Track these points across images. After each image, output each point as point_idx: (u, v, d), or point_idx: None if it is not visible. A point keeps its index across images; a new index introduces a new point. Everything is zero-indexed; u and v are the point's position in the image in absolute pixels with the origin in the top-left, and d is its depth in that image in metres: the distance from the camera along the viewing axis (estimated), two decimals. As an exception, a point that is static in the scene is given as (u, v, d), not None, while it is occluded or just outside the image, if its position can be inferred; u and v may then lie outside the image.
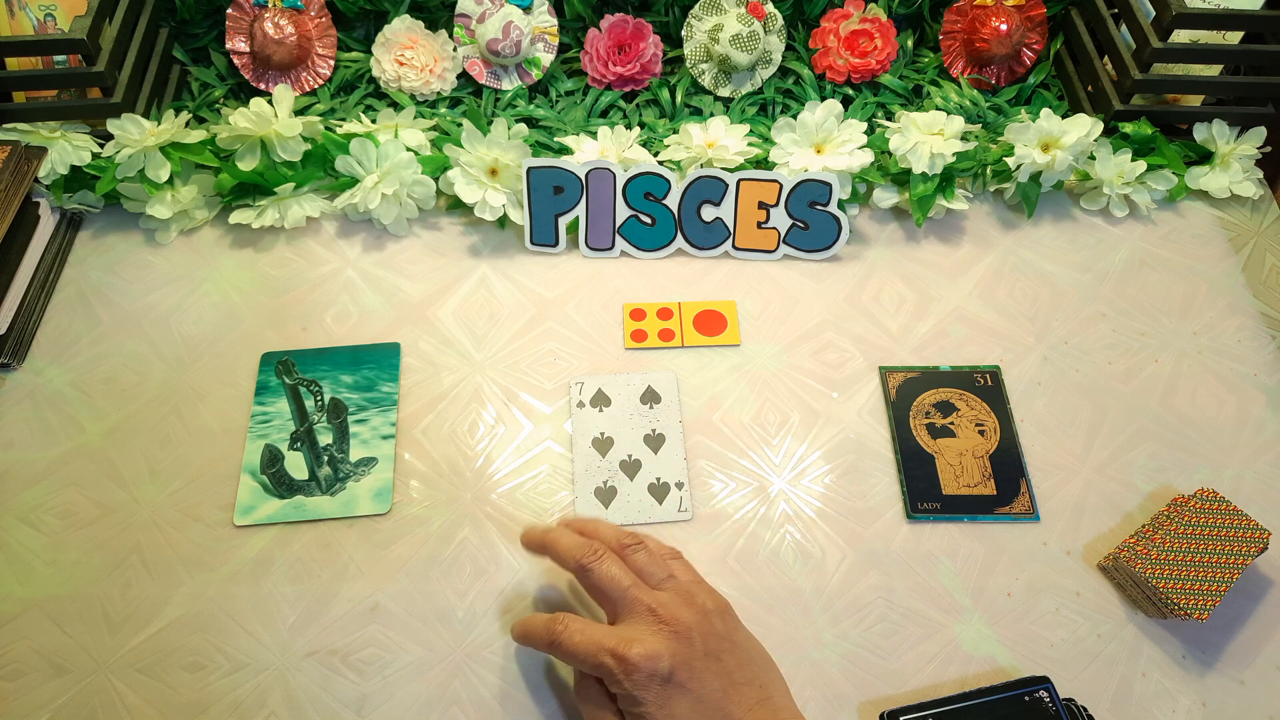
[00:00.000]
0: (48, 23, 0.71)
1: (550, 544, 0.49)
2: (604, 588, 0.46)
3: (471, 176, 0.68)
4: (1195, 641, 0.54)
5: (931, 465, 0.60)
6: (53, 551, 0.56)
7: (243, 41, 0.75)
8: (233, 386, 0.62)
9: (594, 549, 0.47)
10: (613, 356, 0.65)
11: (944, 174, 0.70)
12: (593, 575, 0.46)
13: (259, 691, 0.51)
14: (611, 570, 0.46)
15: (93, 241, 0.70)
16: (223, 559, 0.56)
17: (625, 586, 0.46)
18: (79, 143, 0.68)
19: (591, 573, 0.46)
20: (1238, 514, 0.53)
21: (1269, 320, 0.68)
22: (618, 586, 0.46)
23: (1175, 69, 0.74)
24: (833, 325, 0.67)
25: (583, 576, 0.47)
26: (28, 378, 0.63)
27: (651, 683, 0.42)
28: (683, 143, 0.71)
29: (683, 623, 0.44)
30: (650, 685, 0.42)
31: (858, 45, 0.77)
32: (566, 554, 0.48)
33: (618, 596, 0.46)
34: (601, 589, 0.46)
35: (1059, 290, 0.69)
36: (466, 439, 0.61)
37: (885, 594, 0.55)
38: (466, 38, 0.76)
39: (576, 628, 0.45)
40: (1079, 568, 0.56)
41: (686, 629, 0.44)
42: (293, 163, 0.69)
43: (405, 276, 0.69)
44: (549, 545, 0.49)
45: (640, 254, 0.70)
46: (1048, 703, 0.49)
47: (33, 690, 0.51)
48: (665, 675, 0.42)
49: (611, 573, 0.46)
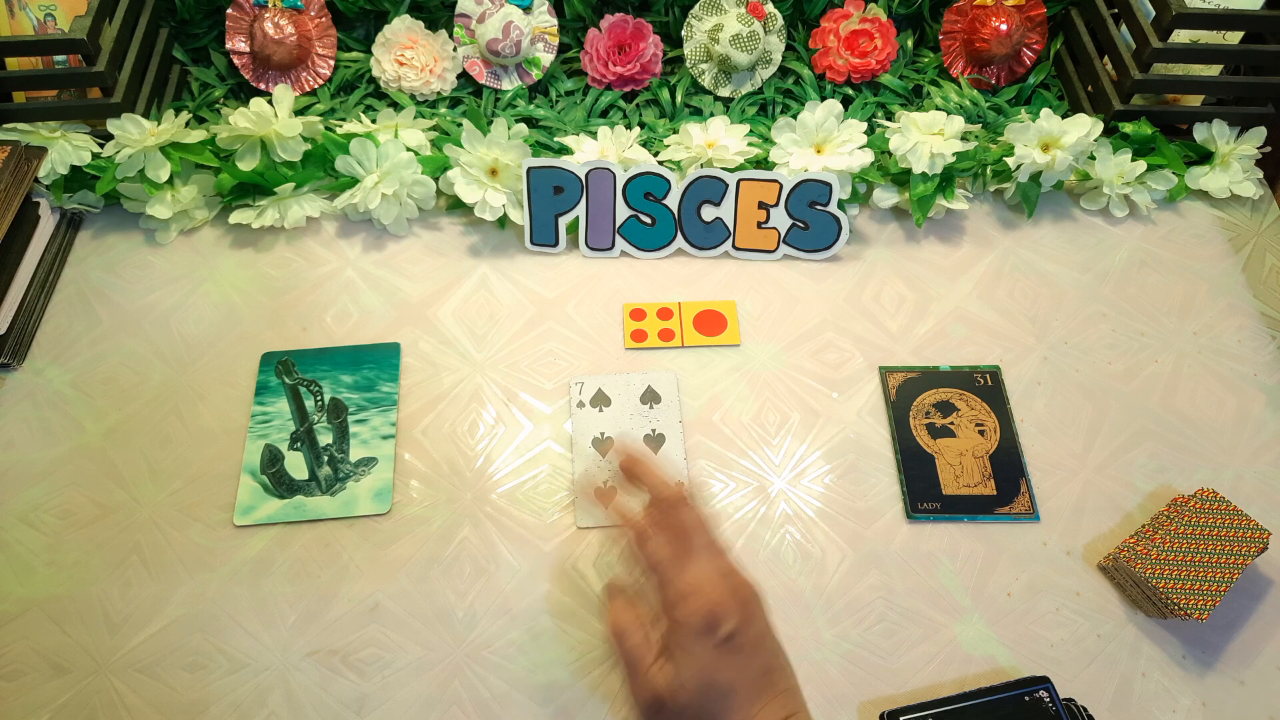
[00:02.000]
0: (48, 23, 0.71)
1: (647, 473, 0.49)
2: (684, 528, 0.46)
3: (471, 176, 0.68)
4: (1195, 641, 0.54)
5: (931, 465, 0.60)
6: (53, 551, 0.56)
7: (243, 41, 0.75)
8: (233, 386, 0.62)
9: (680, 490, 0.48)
10: (613, 356, 0.65)
11: (944, 174, 0.69)
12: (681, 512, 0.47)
13: (259, 691, 0.51)
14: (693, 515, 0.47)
15: (93, 241, 0.70)
16: (223, 559, 0.56)
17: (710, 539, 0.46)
18: (79, 143, 0.68)
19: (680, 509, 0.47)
20: (1238, 514, 0.53)
21: (1269, 320, 0.68)
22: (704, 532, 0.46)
23: (1175, 69, 0.74)
24: (833, 325, 0.67)
25: (674, 511, 0.47)
26: (28, 378, 0.63)
27: (713, 631, 0.43)
28: (683, 143, 0.71)
29: (744, 593, 0.45)
30: (711, 635, 0.43)
31: (858, 45, 0.77)
32: (662, 483, 0.48)
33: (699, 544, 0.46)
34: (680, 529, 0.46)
35: (1059, 290, 0.69)
36: (466, 439, 0.61)
37: (885, 594, 0.55)
38: (466, 38, 0.76)
39: (670, 534, 0.46)
40: (1079, 568, 0.56)
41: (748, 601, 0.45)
42: (293, 163, 0.69)
43: (405, 276, 0.69)
44: (646, 474, 0.49)
45: (640, 254, 0.70)
46: (1048, 703, 0.49)
47: (33, 690, 0.51)
48: (728, 633, 0.43)
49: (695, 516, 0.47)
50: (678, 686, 0.43)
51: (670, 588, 0.45)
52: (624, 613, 0.47)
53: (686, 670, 0.43)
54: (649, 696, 0.44)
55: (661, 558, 0.46)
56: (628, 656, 0.46)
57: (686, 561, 0.46)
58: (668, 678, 0.44)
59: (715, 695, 0.43)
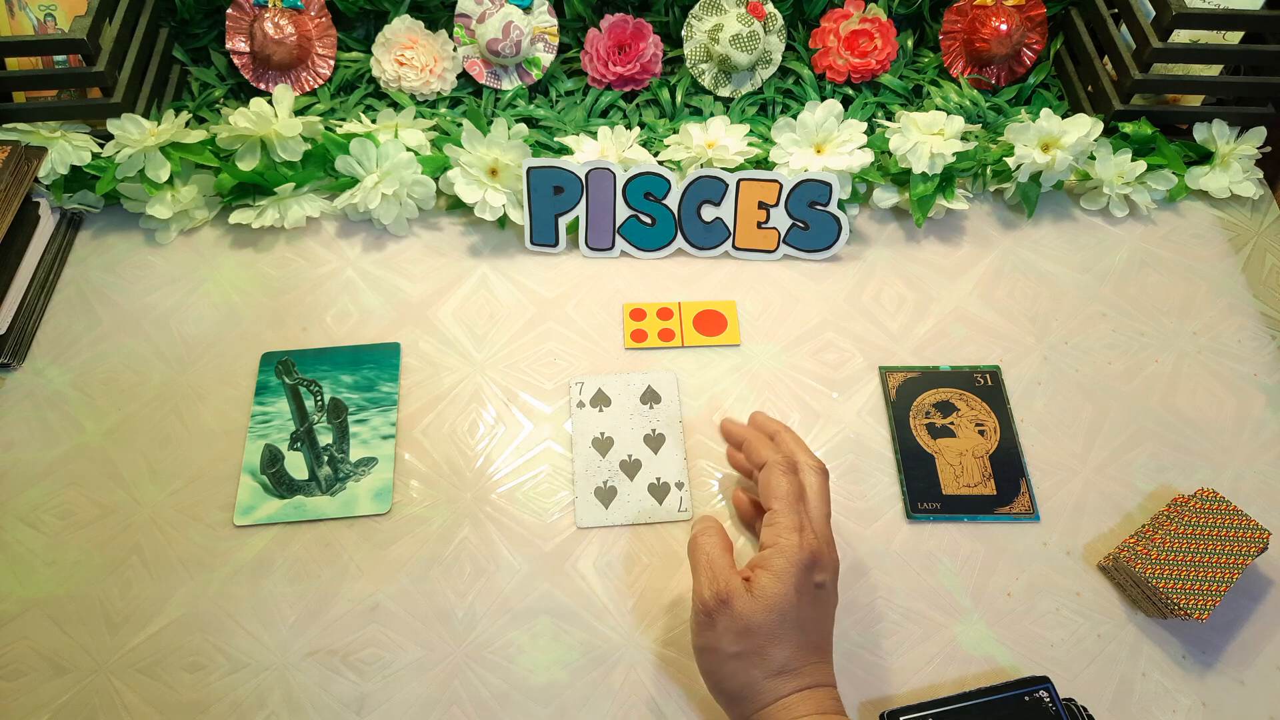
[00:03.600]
0: (48, 23, 0.71)
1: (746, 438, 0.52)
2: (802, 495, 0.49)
3: (471, 176, 0.68)
4: (1195, 641, 0.54)
5: (931, 465, 0.60)
6: (53, 551, 0.56)
7: (243, 41, 0.75)
8: (233, 386, 0.62)
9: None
10: (613, 356, 0.65)
11: (944, 174, 0.69)
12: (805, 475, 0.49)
13: (259, 691, 0.51)
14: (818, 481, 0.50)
15: (93, 241, 0.70)
16: (223, 559, 0.56)
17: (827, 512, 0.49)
18: (79, 143, 0.68)
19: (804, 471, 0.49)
20: (1238, 514, 0.53)
21: (1269, 320, 0.68)
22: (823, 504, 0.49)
23: (1175, 69, 0.74)
24: (833, 325, 0.67)
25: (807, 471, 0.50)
26: (28, 378, 0.63)
27: (811, 570, 0.45)
28: (683, 143, 0.71)
29: (838, 567, 0.48)
30: (809, 573, 0.45)
31: (858, 45, 0.77)
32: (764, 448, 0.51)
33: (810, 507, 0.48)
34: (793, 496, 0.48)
35: (1059, 290, 0.69)
36: (466, 439, 0.61)
37: (885, 594, 0.55)
38: (466, 38, 0.76)
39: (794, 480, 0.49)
40: (1079, 568, 0.56)
41: (837, 571, 0.48)
42: (293, 163, 0.69)
43: (405, 276, 0.69)
44: (747, 440, 0.52)
45: (640, 254, 0.70)
46: (1048, 703, 0.48)
47: (33, 690, 0.51)
48: (820, 580, 0.46)
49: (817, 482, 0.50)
50: (756, 594, 0.44)
51: (787, 518, 0.46)
52: (710, 531, 0.49)
53: (776, 585, 0.44)
54: (722, 587, 0.45)
55: (786, 489, 0.48)
56: (706, 556, 0.47)
57: (807, 505, 0.48)
58: (746, 584, 0.45)
59: (787, 621, 0.44)
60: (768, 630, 0.43)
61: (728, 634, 0.44)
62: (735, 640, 0.44)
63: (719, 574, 0.45)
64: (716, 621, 0.44)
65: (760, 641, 0.43)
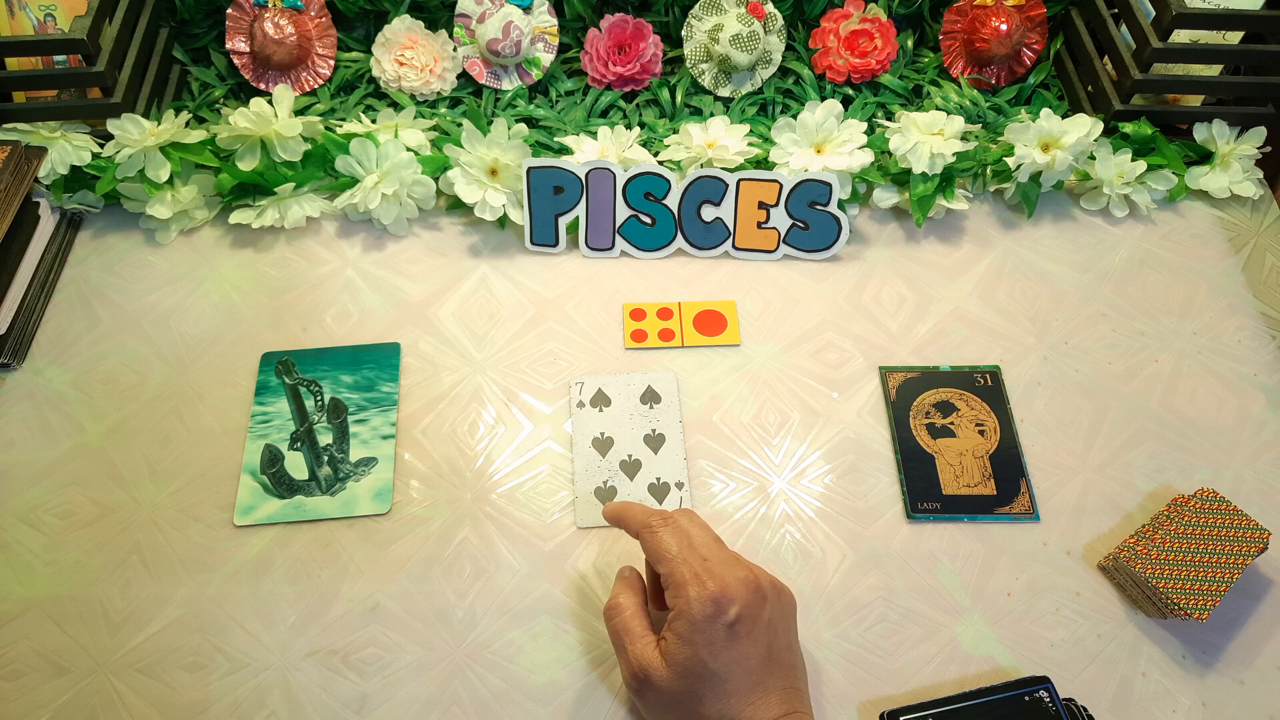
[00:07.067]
0: (48, 23, 0.71)
1: (622, 513, 0.50)
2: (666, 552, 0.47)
3: (471, 176, 0.68)
4: (1195, 641, 0.54)
5: (931, 465, 0.60)
6: (53, 551, 0.56)
7: (243, 41, 0.75)
8: (233, 386, 0.62)
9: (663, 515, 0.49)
10: (613, 356, 0.65)
11: (944, 174, 0.70)
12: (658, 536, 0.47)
13: (259, 691, 0.51)
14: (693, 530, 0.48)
15: (93, 241, 0.70)
16: (223, 559, 0.56)
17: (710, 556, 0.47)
18: (79, 143, 0.68)
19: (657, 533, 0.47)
20: (1238, 514, 0.53)
21: (1269, 320, 0.68)
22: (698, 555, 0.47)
23: (1175, 69, 0.74)
24: (833, 325, 0.67)
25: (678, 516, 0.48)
26: (28, 378, 0.63)
27: (717, 618, 0.43)
28: (683, 143, 0.71)
29: (761, 584, 0.45)
30: (714, 621, 0.43)
31: (858, 45, 0.77)
32: (638, 518, 0.49)
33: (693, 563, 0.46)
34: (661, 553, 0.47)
35: (1059, 290, 0.69)
36: (466, 439, 0.61)
37: (885, 594, 0.55)
38: (466, 38, 0.76)
39: (674, 530, 0.47)
40: (1079, 568, 0.56)
41: (761, 591, 0.45)
42: (293, 163, 0.69)
43: (405, 276, 0.69)
44: (622, 515, 0.50)
45: (640, 254, 0.70)
46: (1048, 703, 0.48)
47: (33, 690, 0.51)
48: (732, 619, 0.43)
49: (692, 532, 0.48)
50: (668, 662, 0.43)
51: (678, 573, 0.45)
52: (623, 593, 0.48)
53: (682, 649, 0.43)
54: (637, 667, 0.44)
55: (669, 547, 0.46)
56: (621, 629, 0.46)
57: (695, 551, 0.46)
58: (659, 652, 0.44)
59: (705, 677, 0.43)
60: (690, 694, 0.43)
61: (658, 707, 0.44)
62: (666, 711, 0.44)
63: (634, 650, 0.45)
64: (644, 697, 0.45)
65: (689, 705, 0.43)
